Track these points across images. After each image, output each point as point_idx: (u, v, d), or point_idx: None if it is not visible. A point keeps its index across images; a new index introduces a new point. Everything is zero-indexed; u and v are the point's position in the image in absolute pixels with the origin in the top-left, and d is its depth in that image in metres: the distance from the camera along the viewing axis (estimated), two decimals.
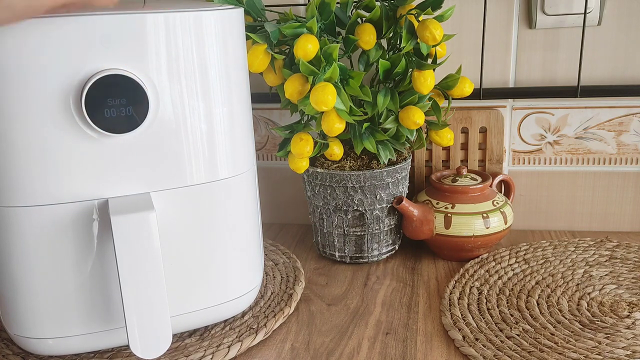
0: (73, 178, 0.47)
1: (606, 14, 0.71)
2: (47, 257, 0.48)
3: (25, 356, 0.54)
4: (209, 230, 0.53)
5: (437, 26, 0.60)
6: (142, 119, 0.46)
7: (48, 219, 0.47)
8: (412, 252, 0.75)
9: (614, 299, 0.60)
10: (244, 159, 0.55)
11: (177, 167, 0.50)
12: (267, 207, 0.87)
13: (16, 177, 0.46)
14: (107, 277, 0.50)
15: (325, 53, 0.60)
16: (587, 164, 0.77)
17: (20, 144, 0.45)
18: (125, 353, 0.54)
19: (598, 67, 0.74)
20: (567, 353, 0.51)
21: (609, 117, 0.75)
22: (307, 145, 0.65)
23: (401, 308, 0.62)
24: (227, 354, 0.53)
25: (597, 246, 0.72)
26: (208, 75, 0.50)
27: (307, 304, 0.64)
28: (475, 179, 0.72)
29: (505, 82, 0.76)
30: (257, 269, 0.60)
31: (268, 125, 0.84)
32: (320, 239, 0.74)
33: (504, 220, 0.69)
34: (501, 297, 0.61)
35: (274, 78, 0.66)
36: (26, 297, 0.49)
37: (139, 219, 0.46)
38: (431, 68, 0.63)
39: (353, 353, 0.54)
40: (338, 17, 0.66)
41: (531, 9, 0.72)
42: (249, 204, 0.57)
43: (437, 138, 0.71)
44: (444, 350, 0.54)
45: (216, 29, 0.49)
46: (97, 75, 0.44)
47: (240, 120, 0.54)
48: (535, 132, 0.77)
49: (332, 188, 0.68)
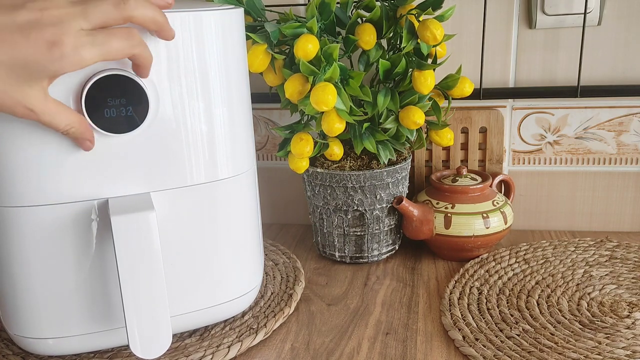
0: (73, 178, 0.47)
1: (606, 14, 0.71)
2: (47, 257, 0.48)
3: (25, 356, 0.54)
4: (209, 230, 0.53)
5: (438, 26, 0.60)
6: (142, 119, 0.46)
7: (48, 219, 0.47)
8: (412, 252, 0.75)
9: (614, 299, 0.60)
10: (244, 159, 0.55)
11: (177, 167, 0.50)
12: (267, 207, 0.87)
13: (16, 177, 0.46)
14: (107, 277, 0.50)
15: (325, 53, 0.60)
16: (587, 164, 0.77)
17: (21, 144, 0.45)
18: (125, 353, 0.54)
19: (598, 67, 0.74)
20: (567, 353, 0.51)
21: (609, 117, 0.75)
22: (307, 145, 0.65)
23: (401, 308, 0.62)
24: (227, 354, 0.53)
25: (597, 246, 0.72)
26: (208, 75, 0.50)
27: (307, 304, 0.64)
28: (475, 179, 0.72)
29: (505, 82, 0.76)
30: (257, 269, 0.60)
31: (268, 125, 0.84)
32: (320, 239, 0.74)
33: (504, 220, 0.69)
34: (501, 297, 0.61)
35: (274, 78, 0.66)
36: (26, 297, 0.49)
37: (139, 219, 0.46)
38: (431, 68, 0.63)
39: (353, 353, 0.54)
40: (338, 17, 0.66)
41: (531, 9, 0.72)
42: (249, 204, 0.57)
43: (437, 138, 0.71)
44: (444, 351, 0.54)
45: (216, 29, 0.49)
46: (97, 75, 0.44)
47: (240, 120, 0.54)
48: (535, 132, 0.77)
49: (332, 188, 0.68)
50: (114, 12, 0.40)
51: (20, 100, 0.39)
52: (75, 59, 0.39)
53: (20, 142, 0.45)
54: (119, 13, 0.40)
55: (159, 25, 0.43)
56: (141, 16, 0.41)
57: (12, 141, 0.45)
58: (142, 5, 0.41)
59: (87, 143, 0.45)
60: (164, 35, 0.45)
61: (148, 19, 0.42)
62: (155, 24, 0.43)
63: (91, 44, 0.39)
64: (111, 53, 0.40)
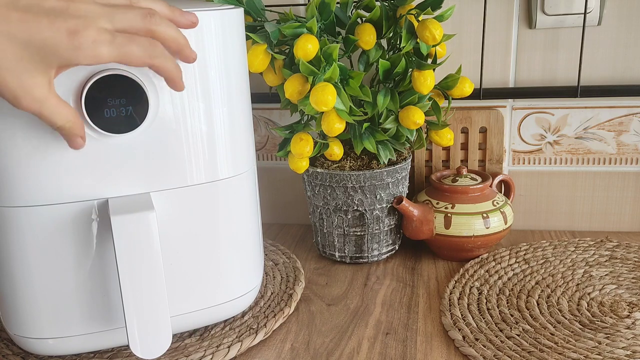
0: (73, 178, 0.47)
1: (606, 14, 0.71)
2: (47, 257, 0.48)
3: (25, 356, 0.54)
4: (209, 230, 0.53)
5: (437, 26, 0.60)
6: (142, 119, 0.46)
7: (48, 219, 0.47)
8: (412, 252, 0.75)
9: (614, 299, 0.60)
10: (244, 159, 0.55)
11: (177, 167, 0.50)
12: (267, 207, 0.87)
13: (16, 177, 0.46)
14: (107, 277, 0.50)
15: (325, 53, 0.60)
16: (587, 164, 0.77)
17: (21, 144, 0.45)
18: (125, 353, 0.54)
19: (598, 67, 0.74)
20: (567, 353, 0.51)
21: (609, 117, 0.75)
22: (307, 145, 0.65)
23: (401, 308, 0.62)
24: (227, 354, 0.53)
25: (597, 246, 0.72)
26: (208, 75, 0.50)
27: (307, 304, 0.64)
28: (475, 179, 0.72)
29: (505, 82, 0.76)
30: (257, 269, 0.60)
31: (268, 125, 0.84)
32: (320, 239, 0.74)
33: (504, 220, 0.69)
34: (501, 297, 0.61)
35: (274, 78, 0.66)
36: (26, 297, 0.49)
37: (138, 219, 0.46)
38: (431, 68, 0.63)
39: (353, 353, 0.54)
40: (338, 17, 0.66)
41: (531, 9, 0.72)
42: (249, 204, 0.57)
43: (437, 138, 0.71)
44: (444, 351, 0.54)
45: (216, 29, 0.49)
46: (97, 75, 0.44)
47: (240, 120, 0.54)
48: (535, 132, 0.77)
49: (332, 188, 0.68)
50: (139, 22, 0.41)
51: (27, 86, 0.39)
52: (91, 53, 0.39)
53: (20, 142, 0.45)
54: (143, 24, 0.41)
55: (179, 46, 0.44)
56: (163, 33, 0.42)
57: (12, 141, 0.45)
58: (166, 24, 0.43)
59: (78, 140, 0.43)
60: (183, 57, 0.45)
61: (170, 37, 0.43)
62: (176, 44, 0.44)
63: (110, 42, 0.39)
64: (128, 57, 0.41)
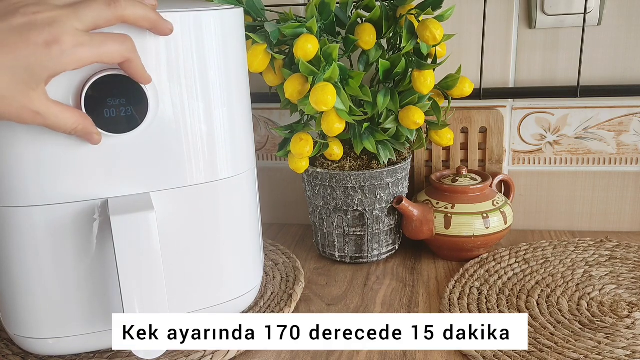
0: (73, 178, 0.47)
1: (606, 14, 0.71)
2: (47, 257, 0.48)
3: (25, 356, 0.54)
4: (209, 230, 0.53)
5: (437, 26, 0.60)
6: (142, 119, 0.46)
7: (48, 219, 0.47)
8: (412, 252, 0.75)
9: (614, 299, 0.60)
10: (244, 159, 0.55)
11: (177, 167, 0.50)
12: (267, 207, 0.87)
13: (16, 177, 0.46)
14: (107, 277, 0.50)
15: (325, 53, 0.60)
16: (587, 164, 0.77)
17: (21, 144, 0.45)
18: (125, 353, 0.54)
19: (598, 67, 0.74)
20: (567, 353, 0.51)
21: (609, 117, 0.75)
22: (307, 145, 0.65)
23: (401, 308, 0.62)
24: (227, 354, 0.53)
25: (597, 246, 0.72)
26: (208, 75, 0.50)
27: (307, 304, 0.64)
28: (475, 179, 0.72)
29: (505, 82, 0.76)
30: (257, 269, 0.60)
31: (268, 125, 0.84)
32: (320, 239, 0.74)
33: (504, 220, 0.69)
34: (501, 297, 0.61)
35: (274, 78, 0.66)
36: (26, 297, 0.49)
37: (138, 219, 0.46)
38: (431, 68, 0.63)
39: (353, 353, 0.54)
40: (338, 17, 0.66)
41: (531, 9, 0.72)
42: (249, 204, 0.57)
43: (437, 138, 0.71)
44: (444, 350, 0.54)
45: (216, 29, 0.49)
46: (96, 75, 0.44)
47: (240, 120, 0.54)
48: (535, 132, 0.77)
49: (332, 188, 0.68)
50: (106, 11, 0.41)
51: (26, 105, 0.40)
52: (74, 57, 0.39)
53: (20, 142, 0.45)
54: (111, 13, 0.41)
55: (152, 23, 0.44)
56: (133, 15, 0.42)
57: (12, 141, 0.45)
58: (132, 5, 0.42)
59: (94, 137, 0.45)
60: (160, 31, 0.45)
61: (140, 17, 0.43)
62: (148, 22, 0.44)
63: (89, 44, 0.40)
64: (107, 55, 0.41)
